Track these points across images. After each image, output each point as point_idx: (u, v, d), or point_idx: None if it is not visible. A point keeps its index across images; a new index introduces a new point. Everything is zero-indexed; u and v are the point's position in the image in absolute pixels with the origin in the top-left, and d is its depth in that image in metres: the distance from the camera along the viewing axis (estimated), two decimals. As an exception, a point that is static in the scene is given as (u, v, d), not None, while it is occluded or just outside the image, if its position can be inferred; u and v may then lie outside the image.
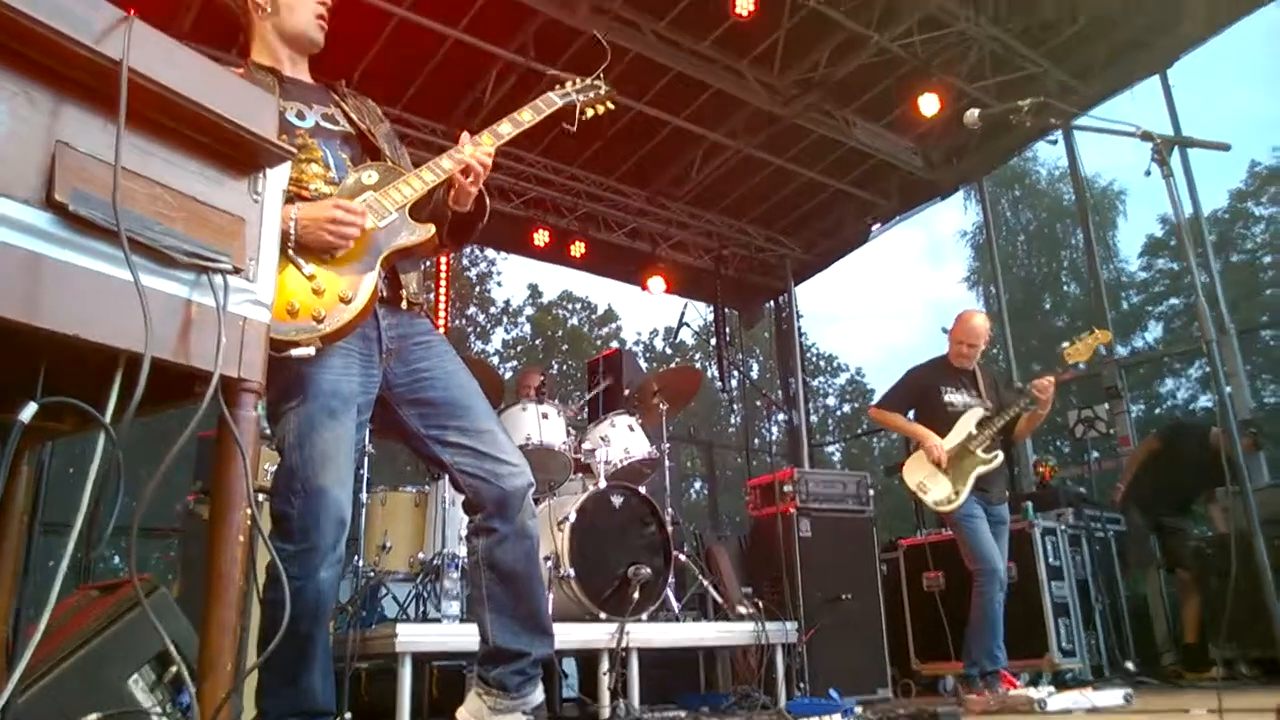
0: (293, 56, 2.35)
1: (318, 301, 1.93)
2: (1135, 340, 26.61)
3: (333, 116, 2.32)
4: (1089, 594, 5.94)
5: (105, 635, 1.93)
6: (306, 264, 1.96)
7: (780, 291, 11.25)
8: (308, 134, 2.21)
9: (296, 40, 2.33)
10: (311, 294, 1.93)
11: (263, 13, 2.29)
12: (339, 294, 1.96)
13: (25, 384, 1.23)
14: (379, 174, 2.21)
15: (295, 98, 2.27)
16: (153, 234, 1.19)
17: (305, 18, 2.30)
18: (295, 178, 2.10)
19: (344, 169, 2.22)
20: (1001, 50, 7.64)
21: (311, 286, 1.94)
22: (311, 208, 2.00)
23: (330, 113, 2.32)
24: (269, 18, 2.30)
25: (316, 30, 2.33)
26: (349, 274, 2.00)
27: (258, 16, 2.30)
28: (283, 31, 2.31)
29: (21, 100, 1.13)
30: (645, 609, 4.36)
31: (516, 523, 2.21)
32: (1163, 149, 2.57)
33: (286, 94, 2.24)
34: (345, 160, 2.25)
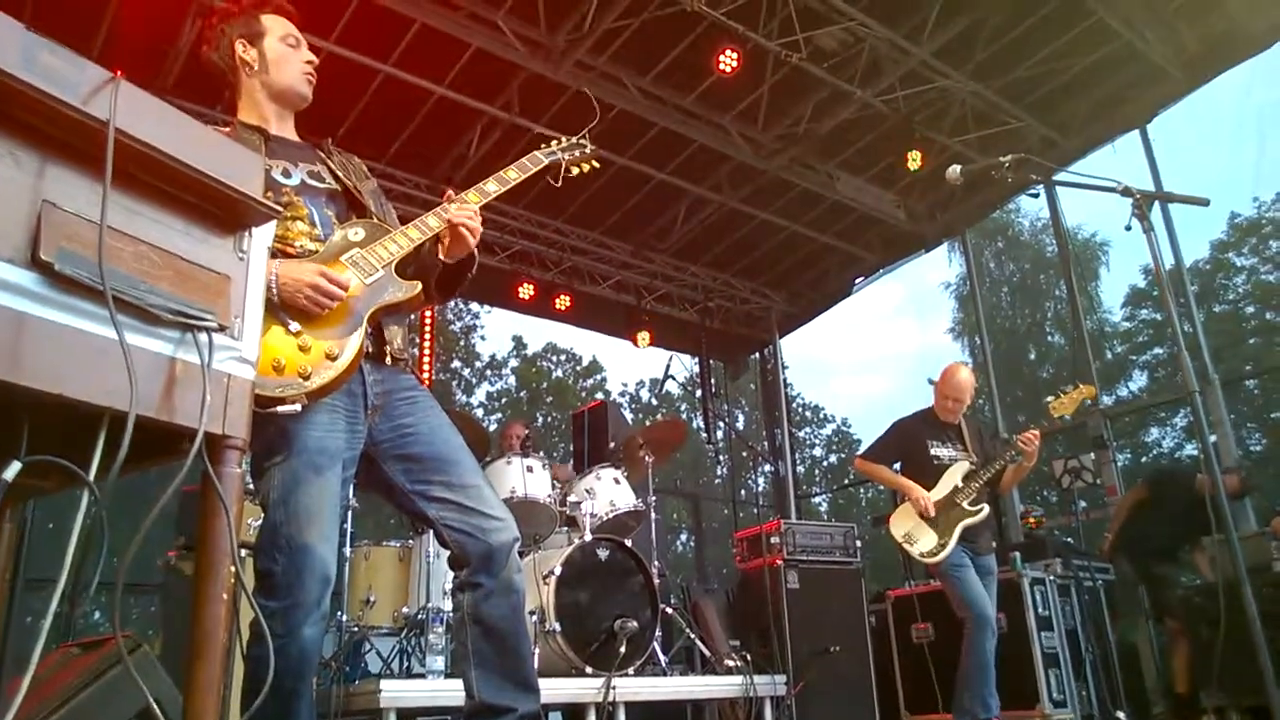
0: (280, 113, 2.38)
1: (304, 358, 1.94)
2: (1120, 389, 26.78)
3: (319, 174, 2.34)
4: (1079, 643, 5.91)
5: (87, 693, 1.90)
6: (293, 321, 1.97)
7: (765, 343, 11.32)
8: (293, 191, 2.23)
9: (285, 96, 2.35)
10: (298, 350, 1.94)
11: (250, 70, 2.33)
12: (325, 351, 1.97)
13: (8, 441, 1.23)
14: (365, 231, 2.22)
15: (281, 155, 2.29)
16: (138, 292, 1.20)
17: (293, 73, 2.34)
18: (280, 235, 2.11)
19: (329, 226, 2.23)
20: (983, 105, 7.81)
21: (298, 343, 1.95)
22: (294, 268, 2.00)
23: (316, 170, 2.35)
24: (256, 75, 2.33)
25: (304, 85, 2.36)
26: (335, 331, 2.01)
27: (246, 74, 2.33)
28: (271, 88, 2.34)
29: (7, 161, 1.14)
30: (632, 663, 4.31)
31: (502, 578, 2.19)
32: (1143, 204, 2.62)
33: (272, 152, 2.26)
34: (331, 217, 2.26)
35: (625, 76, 7.12)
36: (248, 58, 2.32)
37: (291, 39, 2.35)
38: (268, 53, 2.32)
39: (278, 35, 2.34)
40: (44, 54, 1.19)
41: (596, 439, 6.39)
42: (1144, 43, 7.25)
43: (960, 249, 11.10)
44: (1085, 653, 5.91)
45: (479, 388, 28.00)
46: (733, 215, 9.10)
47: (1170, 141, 10.58)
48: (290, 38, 2.35)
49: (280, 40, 2.33)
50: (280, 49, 2.33)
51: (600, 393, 29.12)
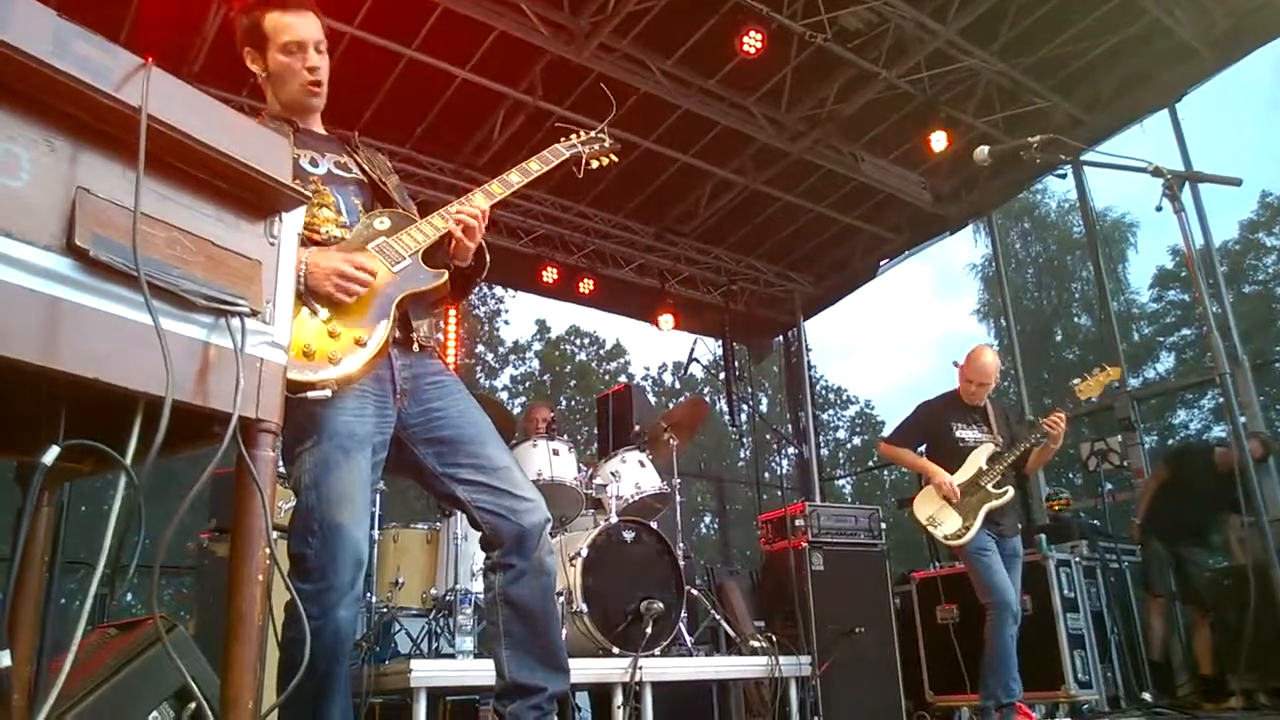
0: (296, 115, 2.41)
1: (333, 344, 1.96)
2: (1147, 371, 26.50)
3: (345, 165, 2.38)
4: (1104, 625, 5.88)
5: (125, 673, 1.94)
6: (322, 308, 2.00)
7: (789, 326, 11.27)
8: (320, 180, 2.26)
9: (291, 108, 2.36)
10: (327, 337, 1.97)
11: (260, 79, 2.36)
12: (354, 338, 2.00)
13: (47, 426, 1.25)
14: (391, 220, 2.25)
15: (309, 146, 2.33)
16: (172, 278, 1.21)
17: (294, 88, 2.32)
18: (308, 222, 2.14)
19: (355, 214, 2.27)
20: (1010, 84, 7.71)
21: (327, 330, 1.98)
22: (322, 255, 2.04)
23: (343, 161, 2.38)
24: (266, 84, 2.36)
25: (308, 97, 2.34)
26: (364, 318, 2.04)
27: (264, 78, 2.35)
28: (280, 97, 2.35)
29: (43, 148, 1.16)
30: (658, 643, 4.34)
31: (534, 559, 2.21)
32: (1173, 184, 2.58)
33: (300, 142, 2.30)
34: (357, 206, 2.30)
35: (649, 59, 7.08)
36: (255, 68, 2.34)
37: (293, 45, 2.28)
38: (270, 65, 2.30)
39: (279, 44, 2.28)
40: (77, 41, 1.21)
41: (621, 422, 6.41)
42: (1172, 20, 7.12)
43: (986, 230, 10.98)
44: (1110, 635, 5.89)
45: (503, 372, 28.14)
46: (757, 197, 9.05)
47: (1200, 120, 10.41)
48: (291, 44, 2.28)
49: (281, 50, 2.28)
50: (281, 62, 2.29)
51: (624, 376, 29.16)
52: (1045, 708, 5.29)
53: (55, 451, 1.15)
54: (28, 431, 1.37)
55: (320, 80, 2.33)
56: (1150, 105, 8.00)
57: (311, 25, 2.30)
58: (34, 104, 1.14)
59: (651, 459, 5.15)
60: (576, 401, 27.80)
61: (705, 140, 8.12)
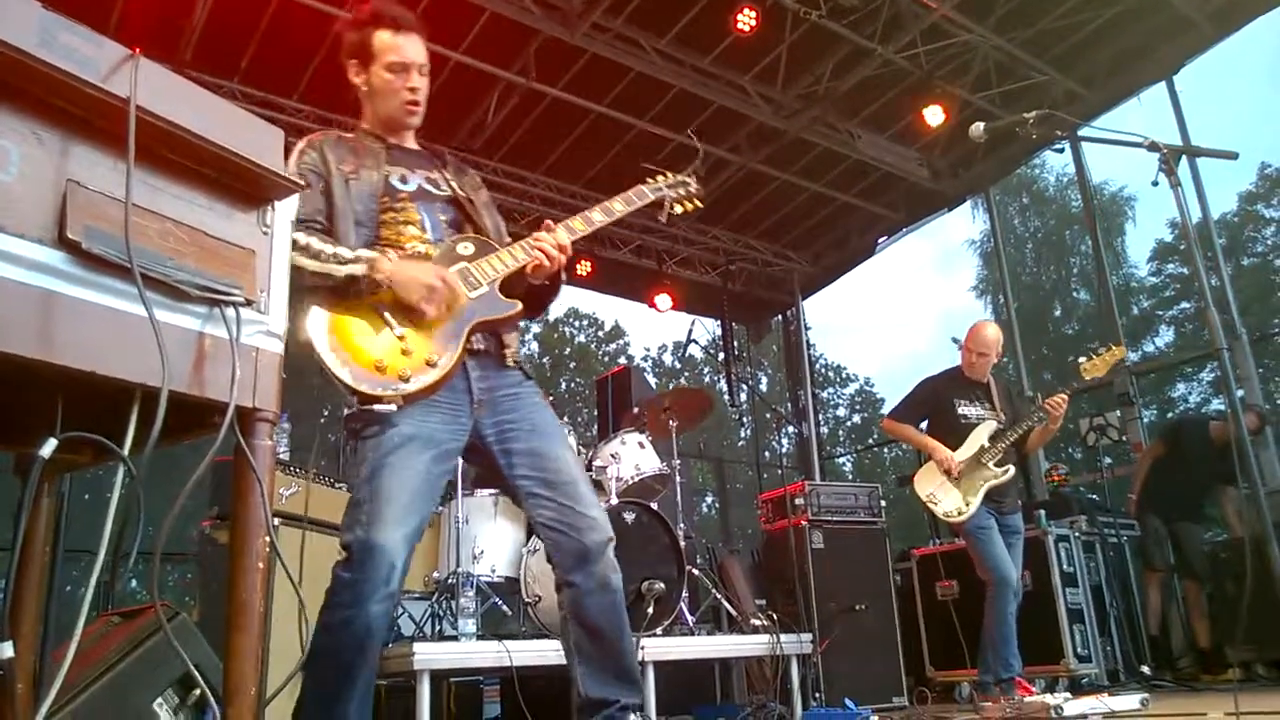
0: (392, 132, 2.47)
1: (405, 362, 2.04)
2: (1146, 345, 26.54)
3: (435, 181, 2.43)
4: (1104, 600, 5.92)
5: (129, 660, 1.96)
6: (398, 325, 2.08)
7: (788, 305, 11.27)
8: (409, 197, 2.34)
9: (388, 125, 2.44)
10: (400, 354, 2.05)
11: (362, 93, 2.43)
12: (425, 357, 2.08)
13: (44, 418, 1.26)
14: (474, 246, 2.31)
15: (399, 162, 2.39)
16: (165, 269, 1.22)
17: (394, 105, 2.40)
18: (392, 238, 2.25)
19: (440, 231, 2.34)
20: (1006, 59, 7.67)
21: (401, 346, 2.06)
22: (414, 266, 2.13)
23: (434, 177, 2.44)
24: (367, 99, 2.43)
25: (406, 116, 2.42)
26: (438, 339, 2.12)
27: (364, 92, 2.43)
28: (378, 113, 2.44)
29: (31, 141, 1.15)
30: (660, 623, 4.36)
31: (598, 576, 2.24)
32: (1170, 159, 2.57)
33: (392, 159, 2.38)
34: (443, 223, 2.37)
35: (642, 38, 7.05)
36: (358, 81, 2.42)
37: (397, 65, 2.37)
38: (373, 80, 2.39)
39: (384, 62, 2.37)
40: (63, 33, 1.20)
41: (620, 404, 6.41)
42: (1170, -9, 7.08)
43: (984, 206, 10.95)
44: (1110, 609, 5.92)
45: (502, 354, 28.07)
46: (753, 177, 9.02)
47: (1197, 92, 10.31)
48: (396, 64, 2.37)
49: (386, 68, 2.37)
50: (384, 78, 2.38)
51: (623, 357, 29.19)
52: (1045, 682, 5.32)
53: (53, 444, 1.15)
54: (25, 423, 1.37)
55: (419, 101, 2.41)
56: (1148, 78, 7.95)
57: (417, 48, 2.40)
58: (21, 97, 1.14)
59: (651, 440, 5.16)
60: (576, 384, 27.85)
61: (701, 119, 8.09)
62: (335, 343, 2.03)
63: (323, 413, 17.51)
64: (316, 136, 2.36)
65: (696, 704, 5.11)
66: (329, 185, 2.25)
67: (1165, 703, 4.40)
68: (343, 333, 2.06)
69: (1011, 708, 4.05)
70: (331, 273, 2.05)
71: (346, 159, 2.30)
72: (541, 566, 4.35)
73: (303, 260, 2.05)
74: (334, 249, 2.09)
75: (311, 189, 2.19)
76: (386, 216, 2.28)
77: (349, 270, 2.06)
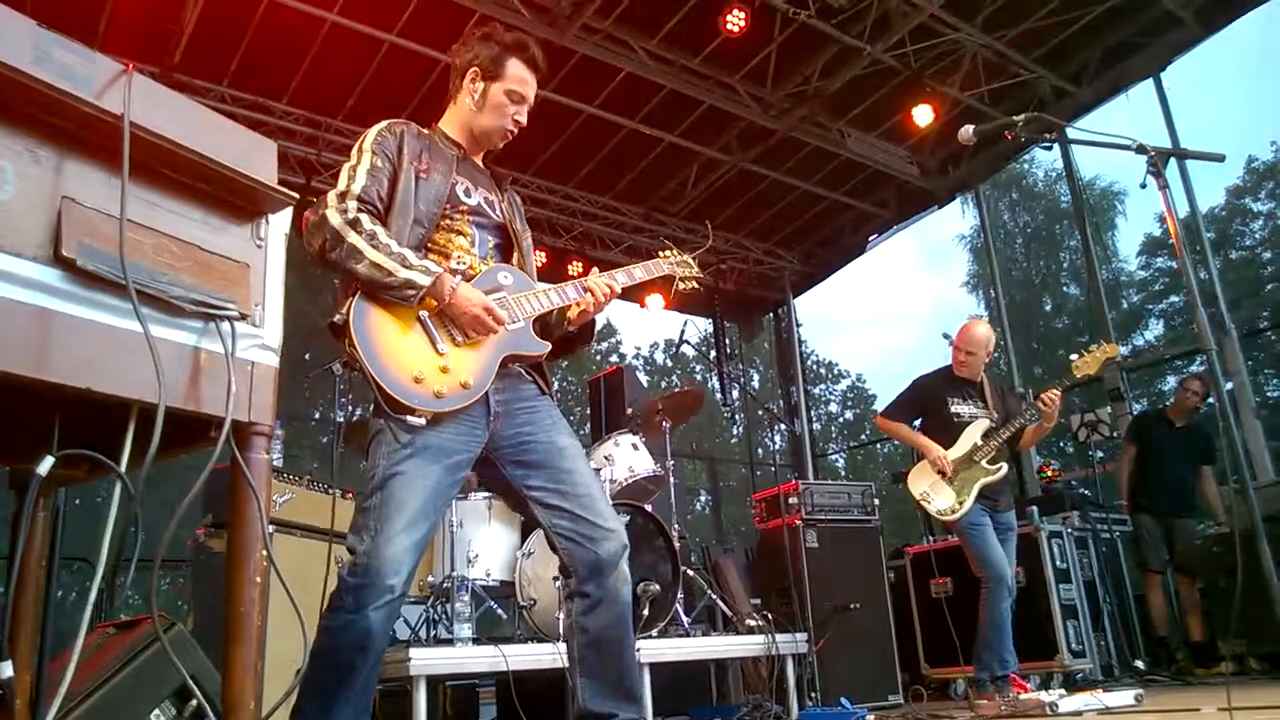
0: (472, 142, 2.53)
1: (442, 379, 2.10)
2: (1136, 339, 26.63)
3: (493, 203, 2.50)
4: (1097, 595, 5.95)
5: (126, 672, 1.96)
6: (442, 341, 2.14)
7: (779, 304, 11.29)
8: (468, 211, 2.40)
9: (478, 138, 2.52)
10: (438, 370, 2.11)
11: (468, 99, 2.48)
12: (461, 380, 2.14)
13: (40, 433, 1.26)
14: (514, 279, 2.38)
15: (467, 175, 2.44)
16: (160, 285, 1.22)
17: (496, 125, 2.48)
18: (443, 245, 2.31)
19: (486, 250, 2.41)
20: (994, 57, 7.70)
21: (440, 364, 2.12)
22: (471, 290, 2.19)
23: (492, 199, 2.50)
24: (469, 106, 2.48)
25: (499, 139, 2.52)
26: (475, 363, 2.19)
27: (463, 98, 2.49)
28: (473, 124, 2.49)
29: (27, 159, 1.15)
30: (655, 625, 4.37)
31: (609, 588, 2.25)
32: (1158, 161, 2.58)
33: (462, 169, 2.43)
34: (490, 245, 2.43)
35: (632, 39, 7.04)
36: (473, 88, 2.47)
37: (517, 95, 2.47)
38: (490, 96, 2.46)
39: (507, 87, 2.46)
40: (56, 50, 1.20)
41: (613, 405, 6.41)
42: (1157, -12, 7.11)
43: (974, 201, 10.98)
44: (1103, 604, 5.96)
45: (495, 356, 28.00)
46: (744, 176, 9.03)
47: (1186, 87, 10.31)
48: (517, 94, 2.47)
49: (506, 93, 2.46)
50: (500, 99, 2.46)
51: (615, 356, 29.20)
52: (1039, 678, 5.35)
53: (50, 461, 1.15)
54: (20, 437, 1.37)
55: (515, 132, 2.53)
56: (1135, 75, 7.99)
57: (534, 89, 2.53)
58: (16, 115, 1.14)
59: (645, 441, 5.16)
60: (569, 382, 27.80)
61: (691, 120, 8.10)
62: (377, 343, 2.06)
63: (313, 416, 17.49)
64: (399, 124, 2.40)
65: (692, 705, 5.13)
66: (396, 175, 2.28)
67: (1160, 697, 4.42)
68: (385, 335, 2.08)
69: (1007, 705, 4.07)
70: (393, 271, 2.07)
71: (422, 156, 2.34)
72: (536, 570, 4.35)
73: (363, 245, 2.08)
74: (400, 248, 2.12)
75: (379, 171, 2.24)
76: (443, 223, 2.32)
77: (411, 277, 2.08)
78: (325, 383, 4.70)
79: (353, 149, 2.33)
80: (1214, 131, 40.41)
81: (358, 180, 2.21)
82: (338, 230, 2.10)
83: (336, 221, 2.11)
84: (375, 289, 2.08)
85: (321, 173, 7.48)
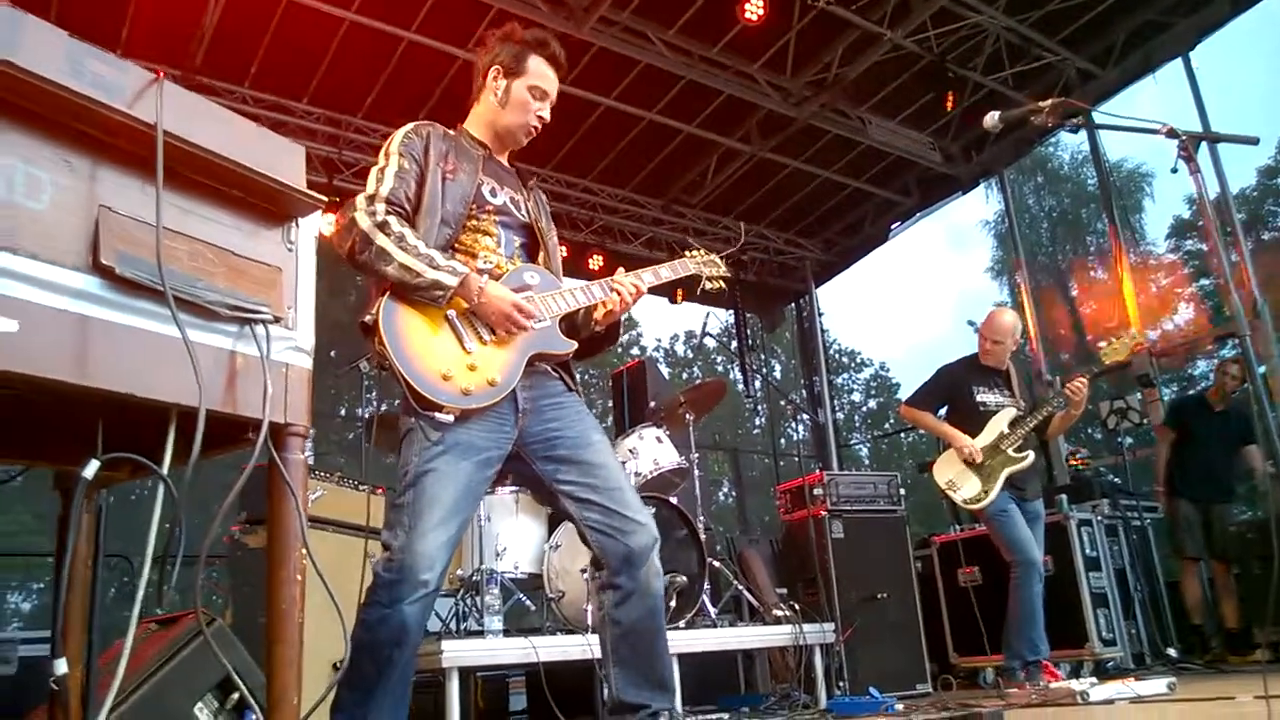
0: (497, 141, 2.57)
1: (470, 377, 2.13)
2: (1165, 323, 26.27)
3: (518, 203, 2.53)
4: (1128, 583, 5.90)
5: (170, 666, 2.00)
6: (469, 340, 2.17)
7: (801, 294, 11.24)
8: (494, 210, 2.43)
9: (502, 136, 2.55)
10: (466, 369, 2.14)
11: (490, 98, 2.52)
12: (488, 377, 2.17)
13: (81, 435, 1.28)
14: (540, 279, 2.41)
15: (492, 175, 2.47)
16: (196, 290, 1.24)
17: (519, 122, 2.52)
18: (469, 245, 2.35)
19: (512, 250, 2.45)
20: (1018, 40, 7.61)
21: (468, 362, 2.15)
22: (501, 289, 2.22)
23: (517, 199, 2.53)
24: (493, 105, 2.52)
25: (524, 136, 2.55)
26: (502, 361, 2.22)
27: (492, 99, 2.52)
28: (496, 123, 2.53)
29: (63, 169, 1.18)
30: (683, 616, 4.39)
31: (640, 580, 2.28)
32: (1190, 146, 2.53)
33: (487, 169, 2.46)
34: (516, 244, 2.47)
35: (649, 30, 7.03)
36: (495, 86, 2.51)
37: (539, 91, 2.51)
38: (513, 94, 2.50)
39: (529, 83, 2.50)
40: (90, 61, 1.22)
41: (636, 398, 6.41)
42: (1184, -36, 7.00)
43: (998, 185, 10.87)
44: (1134, 592, 5.91)
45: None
46: (764, 165, 8.99)
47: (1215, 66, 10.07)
48: (538, 90, 2.51)
49: (529, 89, 2.50)
50: (523, 96, 2.50)
51: (636, 349, 29.20)
52: (1070, 666, 5.32)
53: (95, 465, 1.18)
54: (64, 441, 1.40)
55: (539, 128, 2.56)
56: (1164, 55, 7.84)
57: (556, 84, 2.57)
58: (51, 125, 1.16)
59: (668, 434, 5.17)
60: (590, 376, 27.82)
61: (710, 110, 8.06)
62: (406, 342, 2.09)
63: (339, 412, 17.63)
64: (425, 125, 2.43)
65: (721, 693, 5.15)
66: (423, 176, 2.31)
67: (1193, 686, 4.38)
68: (414, 333, 2.12)
69: (1038, 693, 4.06)
70: (421, 272, 2.11)
71: (449, 157, 2.37)
72: (563, 563, 4.38)
73: (391, 247, 2.12)
74: (428, 249, 2.16)
75: (406, 173, 2.28)
76: (469, 223, 2.35)
77: (439, 278, 2.12)
78: (350, 379, 4.74)
79: (380, 152, 2.36)
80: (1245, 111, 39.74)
81: (386, 182, 2.25)
82: (366, 233, 2.13)
83: (365, 224, 2.15)
84: (404, 289, 2.12)
85: (343, 171, 7.53)
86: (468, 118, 2.59)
